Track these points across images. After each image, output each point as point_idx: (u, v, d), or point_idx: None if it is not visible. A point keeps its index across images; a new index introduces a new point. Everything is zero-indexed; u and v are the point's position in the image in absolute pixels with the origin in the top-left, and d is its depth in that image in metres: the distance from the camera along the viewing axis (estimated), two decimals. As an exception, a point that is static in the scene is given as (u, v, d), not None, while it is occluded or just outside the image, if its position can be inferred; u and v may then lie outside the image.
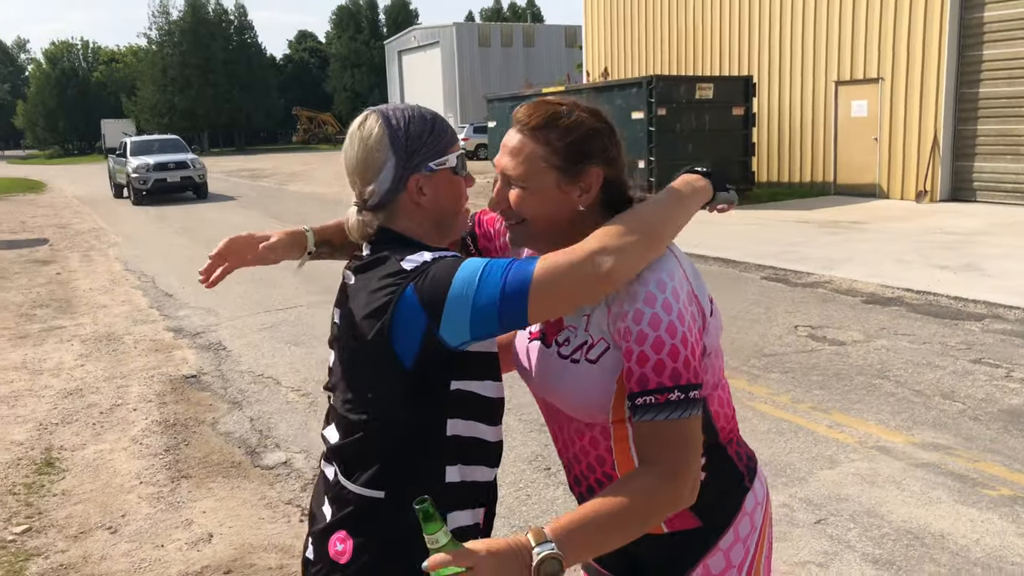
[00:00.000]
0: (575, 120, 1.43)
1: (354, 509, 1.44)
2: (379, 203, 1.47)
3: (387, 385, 1.40)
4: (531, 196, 1.44)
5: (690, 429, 1.32)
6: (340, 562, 1.44)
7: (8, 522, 4.00)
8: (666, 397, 1.30)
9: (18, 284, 10.61)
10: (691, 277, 1.44)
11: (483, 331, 1.33)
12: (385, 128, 1.47)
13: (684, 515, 1.45)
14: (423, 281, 1.34)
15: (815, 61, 16.75)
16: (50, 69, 76.55)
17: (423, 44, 57.74)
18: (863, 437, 4.52)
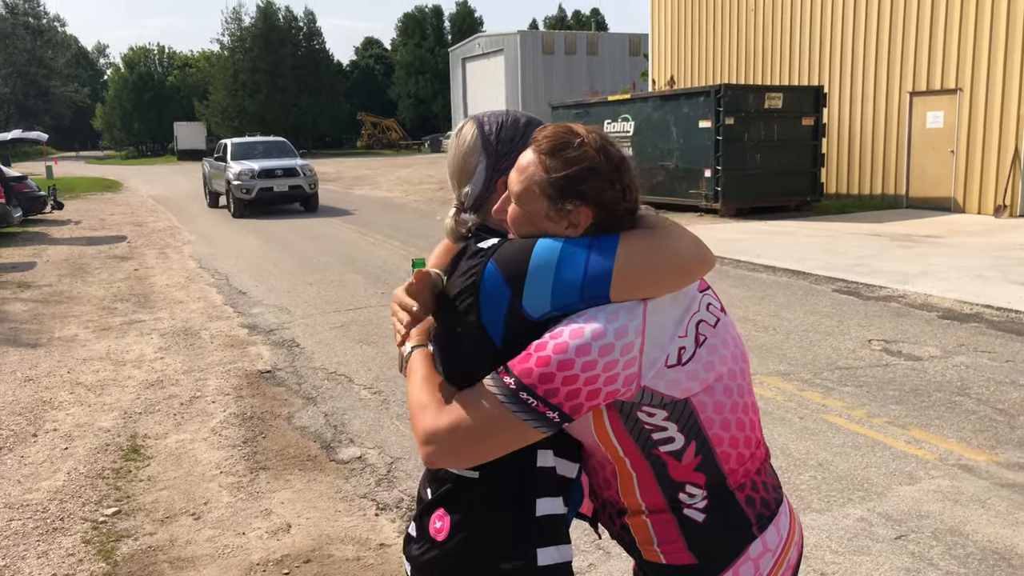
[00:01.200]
0: (578, 155, 1.42)
1: (451, 488, 1.51)
2: (473, 204, 1.56)
3: (481, 365, 1.43)
4: (522, 215, 1.46)
5: (482, 408, 1.37)
6: (438, 539, 1.50)
7: (99, 504, 4.17)
8: (504, 375, 1.37)
9: (99, 279, 11.02)
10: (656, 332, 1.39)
11: (563, 301, 1.37)
12: (478, 133, 1.56)
13: (680, 551, 1.47)
14: (502, 256, 1.42)
15: (889, 71, 16.39)
16: (128, 73, 79.33)
17: (487, 51, 58.16)
18: (943, 454, 4.42)
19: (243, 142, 20.92)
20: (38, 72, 79.17)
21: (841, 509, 3.82)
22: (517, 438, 1.38)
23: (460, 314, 1.45)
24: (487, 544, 1.48)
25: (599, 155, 1.42)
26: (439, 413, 1.40)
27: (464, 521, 1.49)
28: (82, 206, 22.94)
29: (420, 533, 1.55)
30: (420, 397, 1.46)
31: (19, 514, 4.08)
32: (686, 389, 1.41)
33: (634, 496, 1.50)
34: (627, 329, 1.36)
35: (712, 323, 1.47)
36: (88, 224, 18.35)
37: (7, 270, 11.93)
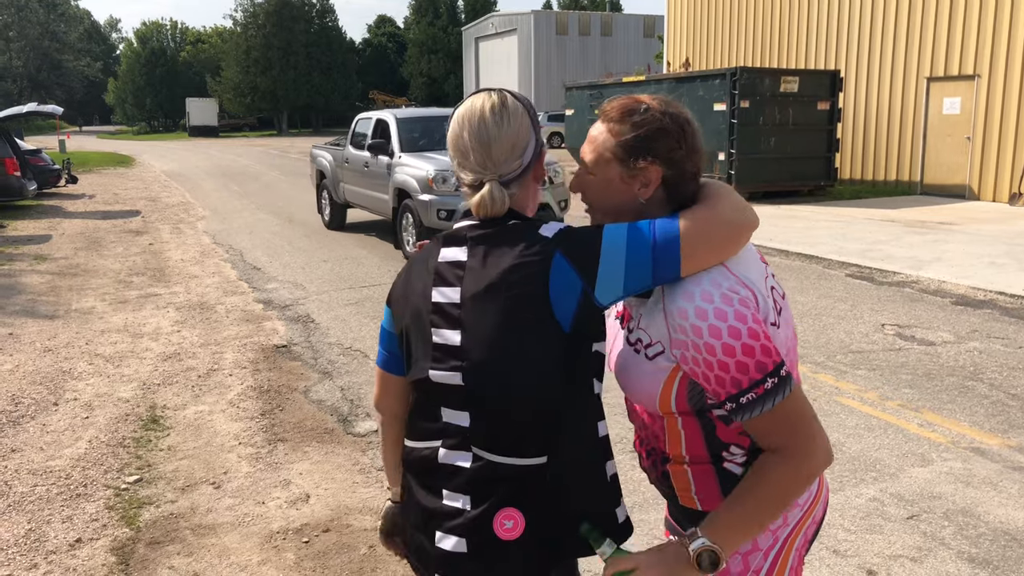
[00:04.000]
0: (646, 117, 1.48)
1: (516, 483, 1.45)
2: (518, 177, 1.53)
3: (547, 351, 1.41)
4: (596, 183, 1.52)
5: (796, 405, 1.40)
6: (511, 539, 1.45)
7: (121, 471, 4.24)
8: (763, 388, 1.37)
9: (115, 252, 11.10)
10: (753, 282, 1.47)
11: (637, 285, 1.40)
12: (524, 108, 1.55)
13: (716, 499, 1.54)
14: (570, 246, 1.41)
15: (907, 56, 16.25)
16: (140, 49, 79.29)
17: (500, 31, 57.83)
18: (956, 437, 4.44)
19: (415, 117, 11.54)
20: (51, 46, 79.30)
21: (854, 489, 3.85)
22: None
23: (526, 302, 1.41)
24: (572, 518, 1.47)
25: (664, 117, 1.48)
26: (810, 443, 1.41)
27: (542, 508, 1.46)
28: (96, 180, 23.03)
29: (480, 543, 1.46)
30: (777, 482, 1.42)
31: (43, 480, 4.15)
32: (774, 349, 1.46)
33: (679, 449, 1.57)
34: (735, 288, 1.41)
35: (781, 294, 1.56)
36: (102, 198, 18.43)
37: (23, 243, 12.03)
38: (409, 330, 1.55)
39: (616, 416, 4.82)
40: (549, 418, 1.45)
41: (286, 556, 3.43)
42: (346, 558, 3.41)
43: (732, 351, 1.36)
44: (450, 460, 1.50)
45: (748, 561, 1.56)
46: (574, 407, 1.47)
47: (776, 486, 1.40)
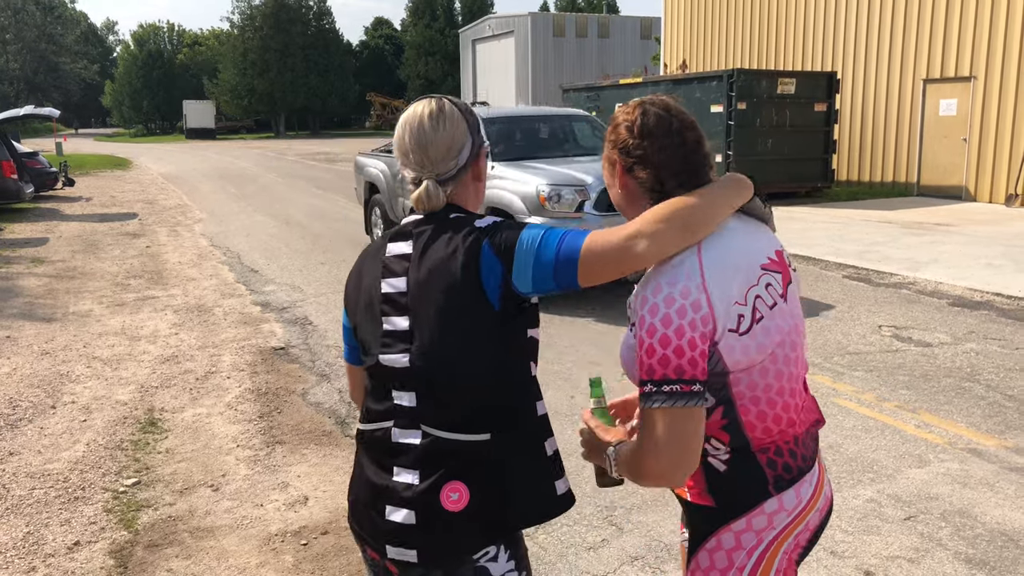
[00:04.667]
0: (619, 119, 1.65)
1: (462, 457, 1.57)
2: (454, 176, 1.68)
3: (485, 329, 1.56)
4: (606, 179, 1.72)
5: (660, 416, 1.45)
6: (457, 511, 1.56)
7: (119, 474, 4.24)
8: (643, 389, 1.48)
9: (112, 255, 11.10)
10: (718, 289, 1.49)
11: (542, 287, 1.55)
12: (457, 111, 1.70)
13: (701, 492, 1.61)
14: (496, 236, 1.57)
15: (903, 58, 16.29)
16: (137, 51, 79.20)
17: (497, 33, 57.87)
18: (953, 438, 4.46)
19: (506, 117, 9.41)
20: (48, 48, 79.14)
21: (851, 490, 3.86)
22: (698, 423, 1.46)
23: (462, 282, 1.55)
24: (514, 492, 1.58)
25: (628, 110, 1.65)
26: (648, 451, 1.49)
27: (486, 481, 1.57)
28: (92, 183, 23.01)
29: (428, 515, 1.57)
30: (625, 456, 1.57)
31: (41, 483, 4.15)
32: (736, 362, 1.50)
33: None
34: (689, 289, 1.47)
35: (769, 304, 1.55)
36: (99, 201, 18.42)
37: (20, 245, 12.02)
38: (362, 321, 1.68)
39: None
40: (490, 395, 1.58)
41: (284, 559, 3.43)
42: (344, 560, 3.41)
43: (641, 344, 1.48)
44: (402, 439, 1.60)
45: (732, 558, 1.60)
46: (513, 386, 1.61)
47: (625, 460, 1.56)
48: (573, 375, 5.65)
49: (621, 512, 3.70)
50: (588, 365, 5.81)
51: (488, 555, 1.59)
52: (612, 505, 3.77)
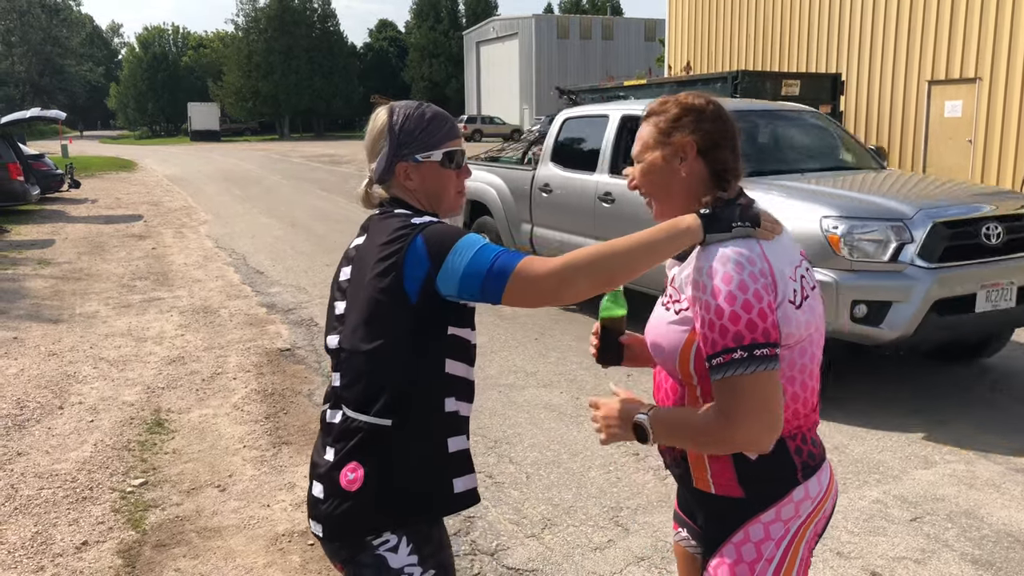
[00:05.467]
0: (678, 100, 1.69)
1: (363, 438, 1.64)
2: (379, 179, 1.78)
3: (398, 319, 1.62)
4: (645, 169, 1.70)
5: (754, 385, 1.48)
6: (352, 490, 1.63)
7: (127, 475, 4.26)
8: (730, 357, 1.49)
9: (117, 257, 11.13)
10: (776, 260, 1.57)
11: (467, 294, 1.59)
12: (387, 120, 1.77)
13: (730, 483, 1.61)
14: (431, 233, 1.62)
15: (908, 60, 16.27)
16: (142, 53, 79.49)
17: (502, 35, 57.93)
18: (959, 439, 4.45)
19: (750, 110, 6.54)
20: (53, 51, 79.44)
21: (857, 491, 3.86)
22: (780, 386, 1.52)
23: (383, 272, 1.62)
24: (407, 480, 1.63)
25: (694, 98, 1.69)
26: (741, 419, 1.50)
27: (381, 465, 1.63)
28: (98, 185, 23.08)
29: (330, 490, 1.66)
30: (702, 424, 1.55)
31: (49, 483, 4.17)
32: (788, 334, 1.56)
33: (697, 396, 1.63)
34: (753, 258, 1.53)
35: (810, 286, 1.63)
36: (104, 203, 18.48)
37: (27, 247, 12.06)
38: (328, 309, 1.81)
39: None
40: (395, 383, 1.63)
41: (291, 559, 3.44)
42: (351, 560, 3.42)
43: (721, 313, 1.49)
44: (330, 418, 1.72)
45: (761, 550, 1.60)
46: (422, 378, 1.65)
47: (699, 428, 1.54)
48: (578, 376, 5.66)
49: (627, 512, 3.71)
50: (592, 366, 5.82)
51: (387, 544, 1.64)
52: (618, 506, 3.78)
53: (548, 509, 3.77)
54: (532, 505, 3.82)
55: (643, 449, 4.35)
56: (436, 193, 1.78)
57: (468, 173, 1.83)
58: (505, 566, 3.31)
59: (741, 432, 1.49)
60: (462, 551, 3.44)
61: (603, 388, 5.38)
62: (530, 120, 47.80)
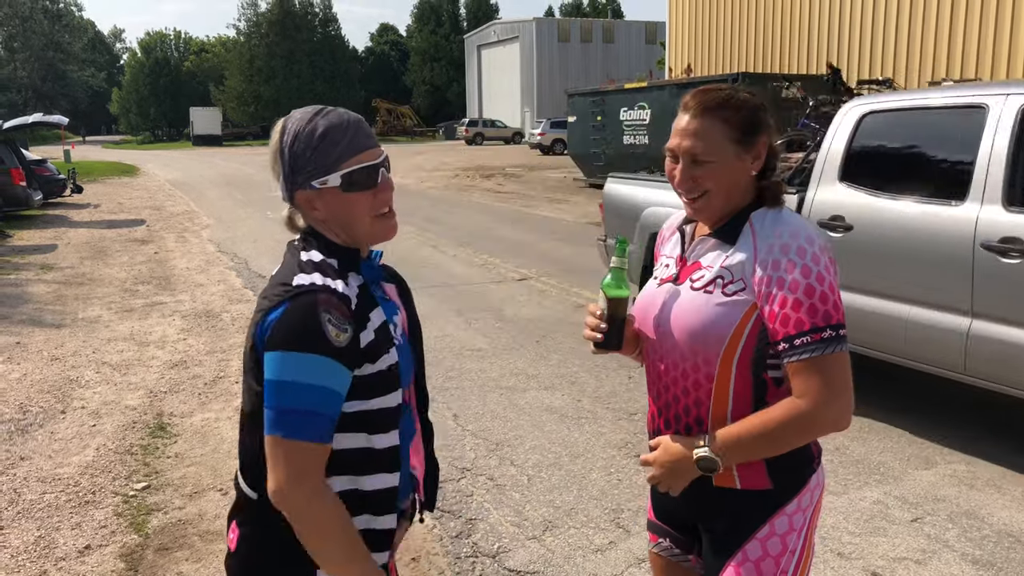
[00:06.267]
0: (742, 100, 1.66)
1: (239, 503, 1.55)
2: (288, 202, 1.55)
3: (256, 390, 1.44)
4: (716, 169, 1.63)
5: (840, 361, 1.51)
6: (231, 549, 1.56)
7: (129, 479, 4.27)
8: (820, 336, 1.50)
9: (120, 261, 11.16)
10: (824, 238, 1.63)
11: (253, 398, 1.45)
12: (279, 141, 1.51)
13: (759, 475, 1.60)
14: (279, 324, 1.38)
15: (908, 61, 16.28)
16: (144, 59, 79.63)
17: (503, 39, 58.01)
18: (960, 440, 4.45)
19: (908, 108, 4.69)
20: (55, 56, 79.67)
21: (858, 492, 3.87)
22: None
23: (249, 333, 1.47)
24: (268, 558, 1.49)
25: (752, 95, 1.68)
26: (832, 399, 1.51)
27: (251, 535, 1.52)
28: (100, 190, 23.13)
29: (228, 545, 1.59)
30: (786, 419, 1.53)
31: (51, 487, 4.18)
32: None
33: (724, 409, 1.62)
34: (825, 243, 1.58)
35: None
36: (107, 207, 18.52)
37: (30, 252, 12.09)
38: None
39: (622, 420, 4.83)
40: (257, 462, 1.46)
41: (293, 561, 3.45)
42: (353, 563, 3.43)
43: (812, 292, 1.50)
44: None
45: (786, 541, 1.62)
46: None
47: (785, 422, 1.51)
48: (580, 378, 5.66)
49: (628, 514, 3.71)
50: (594, 368, 5.83)
51: None
52: (619, 508, 3.78)
53: (549, 511, 3.78)
54: (533, 507, 3.83)
55: (644, 450, 4.36)
56: (347, 223, 1.50)
57: (388, 188, 1.51)
58: (506, 568, 3.32)
59: (832, 411, 1.50)
60: (464, 553, 3.45)
61: (606, 391, 5.40)
62: (531, 123, 47.83)
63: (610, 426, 4.79)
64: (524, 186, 21.79)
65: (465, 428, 4.82)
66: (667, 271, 1.76)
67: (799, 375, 1.52)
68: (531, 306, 7.85)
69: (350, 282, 1.47)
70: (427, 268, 9.96)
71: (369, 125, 1.55)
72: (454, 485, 4.07)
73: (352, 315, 1.42)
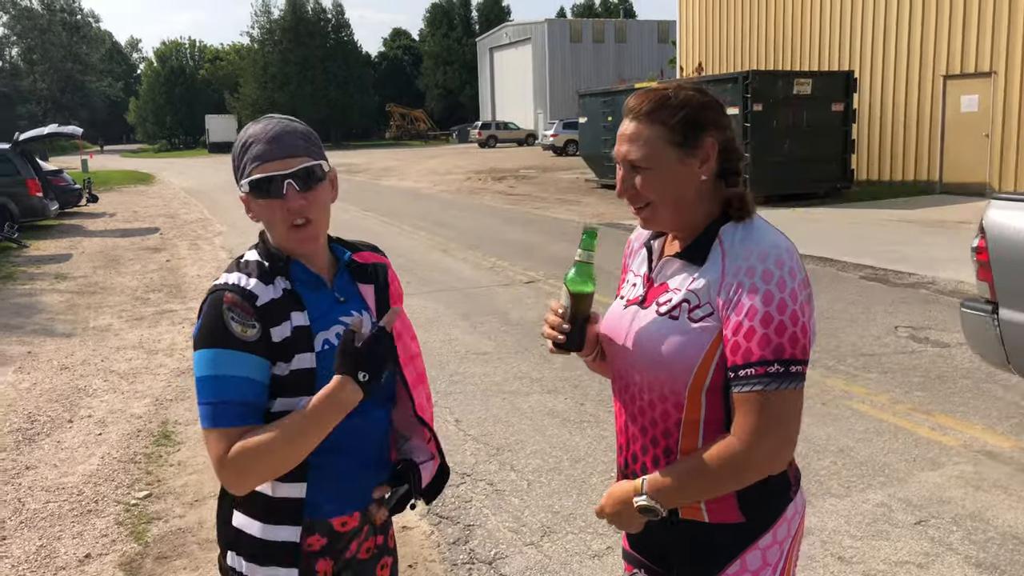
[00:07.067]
0: (683, 98, 1.50)
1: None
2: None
3: None
4: (656, 176, 1.50)
5: (783, 400, 1.38)
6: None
7: (131, 487, 4.29)
8: (766, 370, 1.37)
9: (132, 270, 11.24)
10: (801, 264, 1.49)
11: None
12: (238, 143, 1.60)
13: (729, 508, 1.48)
14: (198, 319, 1.54)
15: (922, 55, 16.12)
16: (160, 68, 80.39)
17: (515, 41, 58.04)
18: (968, 440, 4.39)
19: None
20: (74, 68, 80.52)
21: (861, 494, 3.82)
22: (801, 403, 1.43)
23: None
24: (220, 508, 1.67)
25: (697, 93, 1.52)
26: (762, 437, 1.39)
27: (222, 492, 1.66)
28: (116, 199, 23.34)
29: None
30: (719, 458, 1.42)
31: (55, 496, 4.21)
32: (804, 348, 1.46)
33: (695, 441, 1.50)
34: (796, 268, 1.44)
35: None
36: (122, 216, 18.68)
37: (44, 262, 12.21)
38: None
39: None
40: None
41: (291, 569, 3.44)
42: (350, 571, 3.42)
43: (768, 321, 1.38)
44: None
45: None
46: None
47: (717, 464, 1.41)
48: (583, 382, 5.63)
49: (627, 519, 3.68)
50: (599, 371, 5.79)
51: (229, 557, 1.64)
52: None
53: (548, 517, 3.75)
54: (532, 513, 3.80)
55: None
56: (268, 228, 1.59)
57: (298, 201, 1.53)
58: (502, 575, 3.30)
59: (762, 451, 1.38)
60: (460, 560, 3.44)
61: (608, 394, 5.34)
62: (544, 125, 47.81)
63: (612, 429, 4.74)
64: (536, 188, 21.77)
65: (467, 433, 4.81)
66: (634, 291, 1.63)
67: (738, 409, 1.41)
68: (537, 309, 7.82)
69: (276, 283, 1.55)
70: (436, 272, 9.96)
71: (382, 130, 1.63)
72: (453, 491, 4.06)
73: (255, 313, 1.49)
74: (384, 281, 1.76)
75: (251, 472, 1.47)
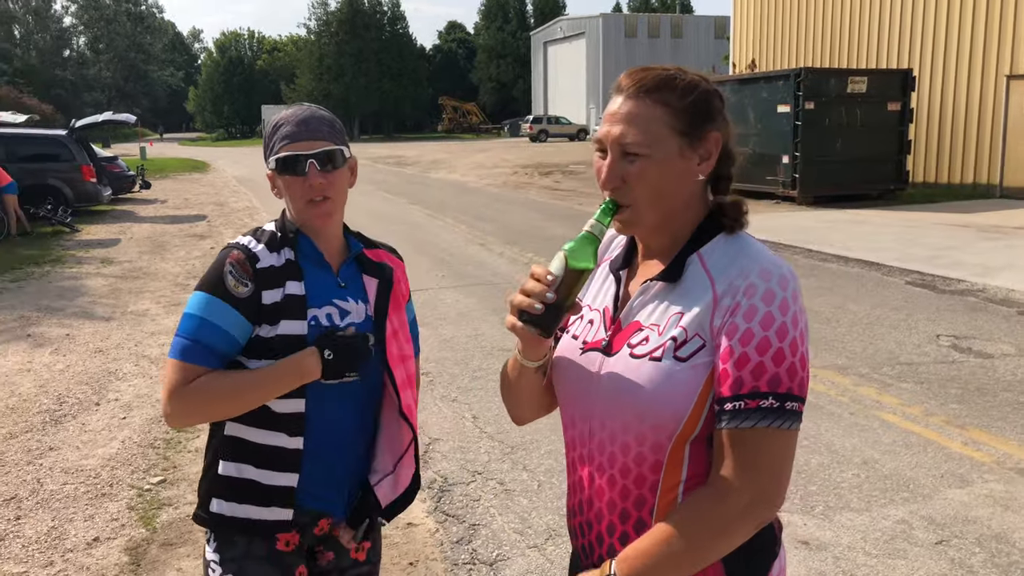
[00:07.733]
0: (690, 80, 1.29)
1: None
2: None
3: None
4: (653, 166, 1.25)
5: (775, 440, 1.18)
6: None
7: (147, 473, 4.34)
8: (757, 403, 1.17)
9: (176, 256, 11.45)
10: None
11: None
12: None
13: (716, 570, 1.25)
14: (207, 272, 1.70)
15: (985, 53, 15.55)
16: (219, 58, 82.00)
17: (569, 35, 57.75)
18: (1002, 457, 4.19)
19: None
20: (137, 57, 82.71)
21: (881, 510, 3.66)
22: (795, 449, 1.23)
23: None
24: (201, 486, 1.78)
25: (703, 79, 1.32)
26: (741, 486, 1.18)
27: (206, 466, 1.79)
28: (169, 186, 23.85)
29: None
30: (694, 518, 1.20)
31: (73, 479, 4.28)
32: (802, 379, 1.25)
33: (675, 494, 1.27)
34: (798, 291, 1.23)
35: None
36: (173, 203, 19.07)
37: (94, 246, 12.51)
38: None
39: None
40: None
41: (291, 562, 3.43)
42: (350, 566, 3.39)
43: (766, 348, 1.17)
44: None
45: None
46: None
47: (695, 525, 1.18)
48: (607, 382, 5.53)
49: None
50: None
51: (207, 537, 1.77)
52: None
53: (554, 519, 3.68)
54: (539, 515, 3.73)
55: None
56: (289, 203, 1.75)
57: (318, 179, 1.65)
58: (500, 577, 3.24)
59: (744, 499, 1.16)
60: (461, 560, 3.39)
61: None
62: (596, 120, 47.47)
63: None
64: (582, 183, 21.60)
65: (483, 431, 4.76)
66: (592, 331, 1.36)
67: (719, 449, 1.19)
68: (569, 306, 7.74)
69: (282, 253, 1.70)
70: (471, 265, 9.93)
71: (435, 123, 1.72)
72: (463, 489, 4.01)
73: (252, 274, 1.64)
74: (390, 279, 1.82)
75: (195, 410, 1.64)
